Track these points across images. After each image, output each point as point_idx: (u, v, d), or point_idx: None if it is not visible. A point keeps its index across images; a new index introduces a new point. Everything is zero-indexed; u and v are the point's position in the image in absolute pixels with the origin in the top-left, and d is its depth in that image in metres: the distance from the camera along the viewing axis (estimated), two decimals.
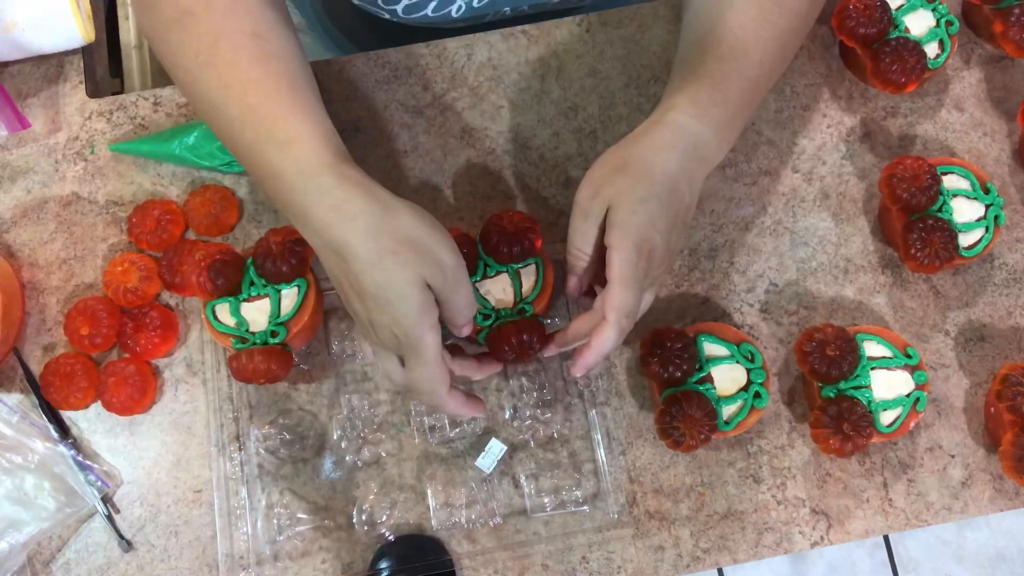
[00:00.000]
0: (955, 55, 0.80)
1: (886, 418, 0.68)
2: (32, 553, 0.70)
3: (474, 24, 0.84)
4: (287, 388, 0.73)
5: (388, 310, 0.57)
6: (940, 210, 0.71)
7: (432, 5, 0.79)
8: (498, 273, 0.69)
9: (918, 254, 0.70)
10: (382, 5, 0.79)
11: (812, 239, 0.76)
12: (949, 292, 0.75)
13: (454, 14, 0.81)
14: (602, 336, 0.60)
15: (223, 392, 0.72)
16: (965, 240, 0.71)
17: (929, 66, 0.74)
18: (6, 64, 0.80)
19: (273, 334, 0.68)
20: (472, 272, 0.69)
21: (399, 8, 0.79)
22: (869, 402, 0.68)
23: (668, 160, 0.62)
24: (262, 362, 0.66)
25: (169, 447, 0.72)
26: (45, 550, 0.70)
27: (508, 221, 0.68)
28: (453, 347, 0.66)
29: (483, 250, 0.69)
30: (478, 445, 0.71)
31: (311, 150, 0.60)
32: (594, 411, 0.72)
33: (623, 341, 0.62)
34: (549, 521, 0.70)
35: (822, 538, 0.70)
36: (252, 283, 0.69)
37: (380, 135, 0.78)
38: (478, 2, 0.79)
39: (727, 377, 0.68)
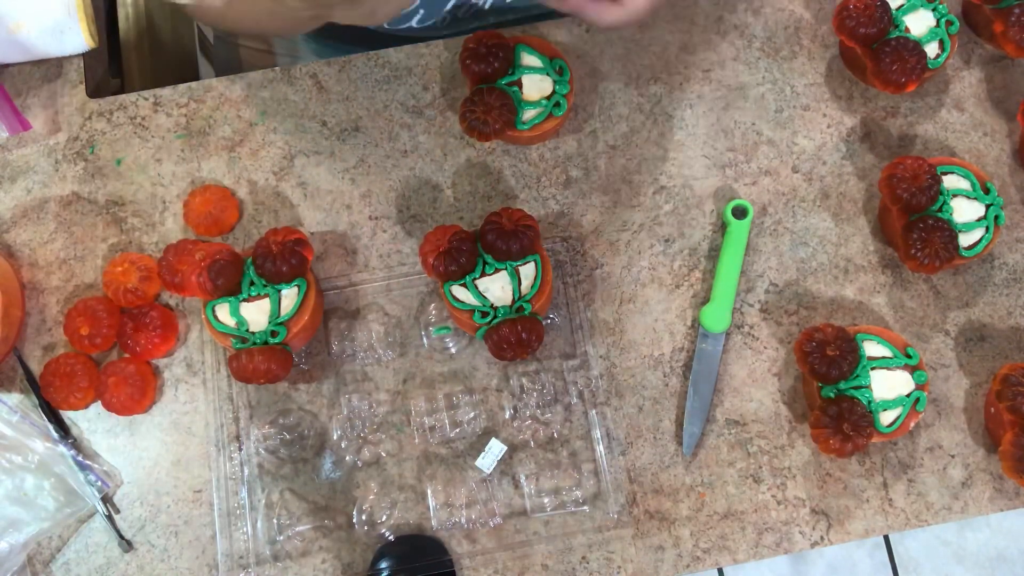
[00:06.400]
0: (955, 55, 0.80)
1: (886, 418, 0.68)
2: (32, 553, 0.70)
3: (462, 30, 0.84)
4: (287, 388, 0.73)
5: None
6: (940, 210, 0.71)
7: (417, 18, 0.80)
8: (497, 271, 0.69)
9: (918, 254, 0.70)
10: None
11: (812, 239, 0.76)
12: (949, 292, 0.75)
13: (439, 24, 0.82)
14: None
15: (223, 392, 0.72)
16: (965, 240, 0.71)
17: (929, 66, 0.74)
18: (7, 64, 0.80)
19: (273, 334, 0.68)
20: (471, 270, 0.69)
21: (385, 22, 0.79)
22: (869, 402, 0.68)
23: None
24: (262, 362, 0.66)
25: (169, 447, 0.72)
26: (45, 550, 0.70)
27: (507, 218, 0.68)
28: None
29: (482, 247, 0.69)
30: (478, 445, 0.71)
31: None
32: (594, 411, 0.72)
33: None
34: (549, 521, 0.70)
35: (822, 538, 0.70)
36: (252, 283, 0.69)
37: (380, 135, 0.78)
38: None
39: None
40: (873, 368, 0.69)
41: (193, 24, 1.09)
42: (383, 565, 0.69)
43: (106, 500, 0.70)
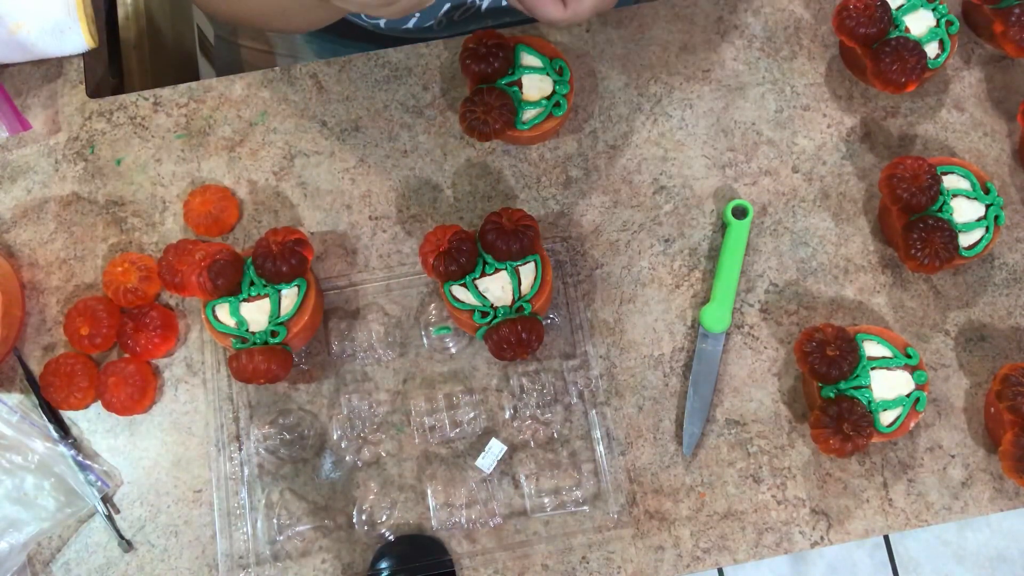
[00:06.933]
0: (955, 55, 0.80)
1: (886, 418, 0.68)
2: (32, 553, 0.70)
3: (458, 32, 0.84)
4: (287, 388, 0.73)
5: None
6: (940, 210, 0.71)
7: (413, 20, 0.80)
8: (497, 271, 0.69)
9: (918, 254, 0.70)
10: (365, 19, 0.80)
11: (812, 239, 0.76)
12: (949, 292, 0.75)
13: (435, 27, 0.82)
14: None
15: (223, 392, 0.72)
16: (965, 240, 0.71)
17: (929, 66, 0.74)
18: (7, 64, 0.80)
19: (273, 334, 0.68)
20: (471, 270, 0.69)
21: (381, 22, 0.79)
22: (869, 402, 0.68)
23: None
24: (262, 362, 0.66)
25: (169, 447, 0.72)
26: (45, 550, 0.70)
27: (507, 218, 0.68)
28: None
29: (482, 247, 0.69)
30: (478, 445, 0.71)
31: None
32: (594, 411, 0.72)
33: None
34: (549, 521, 0.70)
35: (822, 538, 0.70)
36: (252, 283, 0.69)
37: (380, 135, 0.78)
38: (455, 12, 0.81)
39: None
40: (873, 368, 0.69)
41: (193, 24, 1.09)
42: (383, 565, 0.69)
43: (106, 500, 0.70)
